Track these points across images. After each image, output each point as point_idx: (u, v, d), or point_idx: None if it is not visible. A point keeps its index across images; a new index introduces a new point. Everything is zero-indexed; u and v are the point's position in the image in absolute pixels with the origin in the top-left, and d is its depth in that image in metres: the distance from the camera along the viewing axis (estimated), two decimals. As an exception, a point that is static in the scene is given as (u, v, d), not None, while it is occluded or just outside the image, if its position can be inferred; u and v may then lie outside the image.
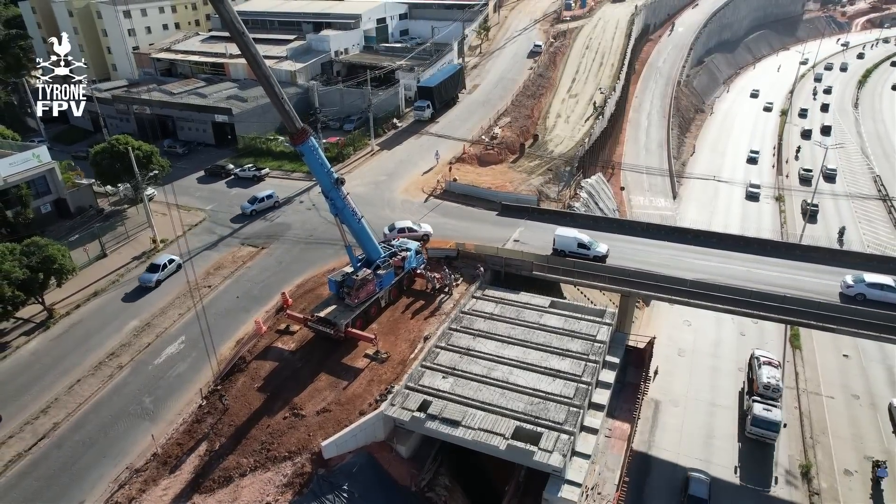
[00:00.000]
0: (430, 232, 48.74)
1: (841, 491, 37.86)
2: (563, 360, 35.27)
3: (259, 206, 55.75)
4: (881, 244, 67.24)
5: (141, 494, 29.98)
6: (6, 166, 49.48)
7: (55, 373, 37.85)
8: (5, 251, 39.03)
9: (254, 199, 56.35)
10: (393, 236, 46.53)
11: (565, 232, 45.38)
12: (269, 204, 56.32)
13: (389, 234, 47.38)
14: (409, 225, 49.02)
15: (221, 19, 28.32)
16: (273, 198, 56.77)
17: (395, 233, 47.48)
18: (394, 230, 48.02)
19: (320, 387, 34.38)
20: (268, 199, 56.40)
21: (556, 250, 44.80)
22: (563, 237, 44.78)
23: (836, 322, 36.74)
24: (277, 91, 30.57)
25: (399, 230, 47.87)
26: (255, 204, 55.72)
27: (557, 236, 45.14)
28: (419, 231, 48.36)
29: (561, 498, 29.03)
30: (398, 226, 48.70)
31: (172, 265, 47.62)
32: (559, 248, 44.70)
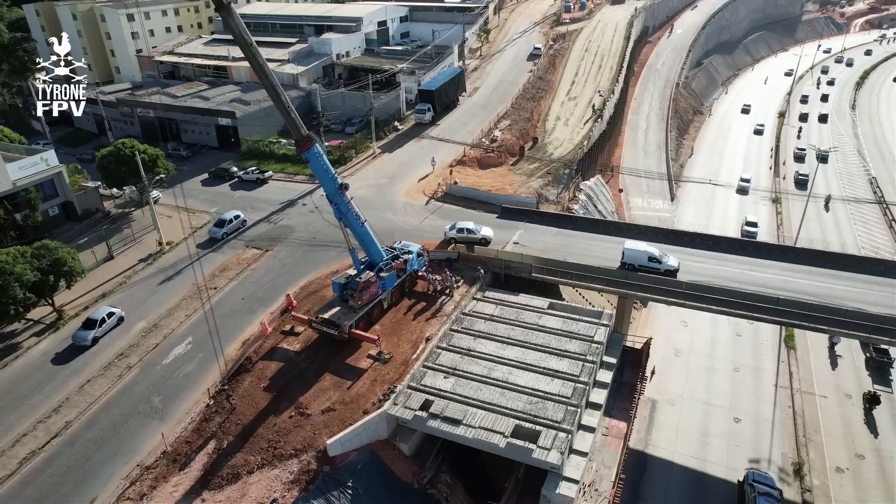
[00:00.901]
0: (488, 236, 47.90)
1: (832, 488, 38.82)
2: (561, 360, 36.20)
3: (229, 229, 53.63)
4: (876, 245, 68.21)
5: (152, 491, 30.93)
6: (15, 170, 50.42)
7: (66, 373, 38.82)
8: (17, 254, 39.94)
9: (221, 221, 54.13)
10: (453, 234, 47.70)
11: (635, 245, 43.68)
12: (238, 224, 54.41)
13: (450, 233, 48.25)
14: (470, 227, 48.37)
15: (230, 32, 29.27)
16: (241, 218, 54.73)
17: (454, 231, 48.11)
18: (453, 229, 48.38)
19: (325, 387, 35.34)
20: (235, 219, 54.26)
21: (624, 264, 43.18)
22: (633, 251, 43.13)
23: (827, 323, 37.65)
24: (284, 100, 31.52)
25: (458, 230, 48.12)
26: (224, 227, 53.43)
27: (627, 250, 43.42)
28: (477, 234, 47.85)
29: (559, 494, 29.96)
30: (459, 226, 48.68)
31: (112, 319, 42.50)
32: (628, 262, 43.04)
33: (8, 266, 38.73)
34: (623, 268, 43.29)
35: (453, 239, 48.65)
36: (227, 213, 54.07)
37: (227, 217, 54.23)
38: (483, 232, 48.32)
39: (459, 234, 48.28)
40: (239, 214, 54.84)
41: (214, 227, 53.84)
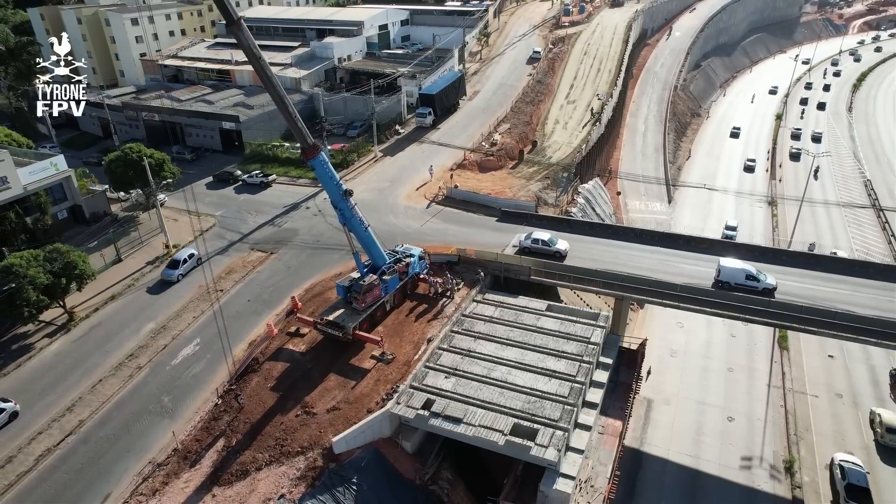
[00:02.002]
0: (562, 250, 46.26)
1: (822, 484, 39.98)
2: (558, 361, 37.36)
3: (185, 269, 50.05)
4: (868, 247, 69.40)
5: (164, 487, 32.08)
6: (26, 175, 51.53)
7: (78, 373, 39.96)
8: (30, 258, 41.10)
9: (175, 262, 50.41)
10: (528, 244, 46.62)
11: (732, 263, 42.15)
12: (193, 263, 50.69)
13: (524, 242, 47.07)
14: (546, 238, 46.73)
15: (240, 46, 30.43)
16: (195, 256, 51.02)
17: (528, 241, 46.82)
18: (528, 239, 47.10)
19: (330, 386, 36.52)
20: (190, 258, 50.73)
21: (719, 282, 41.86)
22: (729, 269, 41.78)
23: (817, 325, 38.81)
24: (291, 110, 32.69)
25: (533, 240, 46.79)
26: (178, 268, 49.80)
27: (723, 267, 42.02)
28: (552, 247, 46.27)
29: (556, 490, 31.12)
30: (534, 236, 47.21)
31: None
32: (724, 279, 41.63)
33: (22, 269, 39.93)
34: (717, 286, 41.78)
35: (526, 249, 46.93)
36: (180, 253, 50.87)
37: (181, 257, 50.49)
38: (558, 245, 46.38)
39: (534, 245, 46.57)
40: (193, 253, 51.27)
41: (168, 269, 49.94)
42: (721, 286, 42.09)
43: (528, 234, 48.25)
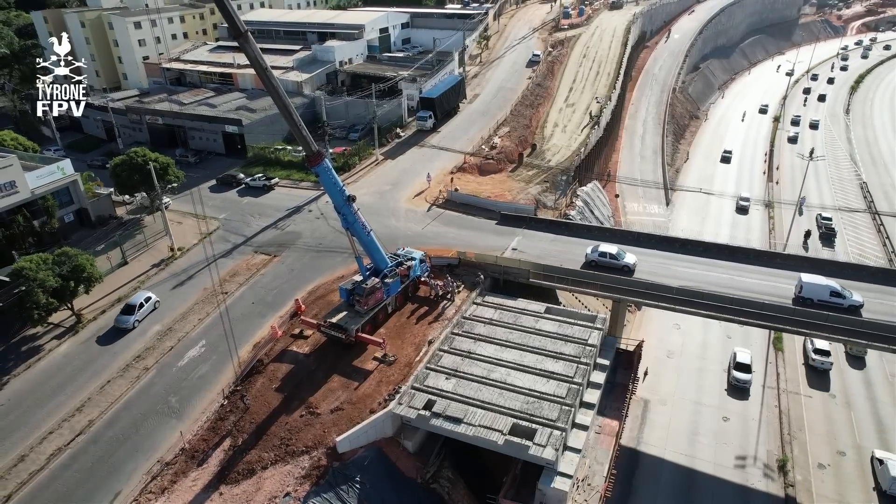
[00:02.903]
0: (631, 264, 45.26)
1: (814, 483, 40.89)
2: (556, 362, 38.26)
3: (140, 315, 45.35)
4: (863, 248, 70.30)
5: (172, 485, 32.96)
6: (34, 179, 52.38)
7: (86, 374, 40.83)
8: (40, 261, 41.96)
9: (129, 307, 45.52)
10: (594, 257, 45.90)
11: (814, 279, 40.19)
12: (151, 308, 46.36)
13: (591, 255, 46.19)
14: (614, 252, 45.84)
15: (247, 56, 31.30)
16: (152, 300, 46.76)
17: (595, 254, 46.06)
18: (595, 252, 46.28)
19: (333, 387, 37.42)
20: (147, 302, 46.17)
21: (800, 298, 40.19)
22: (813, 285, 39.82)
23: (809, 327, 39.70)
24: (296, 119, 33.56)
25: (601, 254, 45.90)
26: (134, 314, 44.94)
27: (806, 284, 40.21)
28: (620, 261, 45.27)
29: (554, 488, 32.06)
30: (602, 249, 46.23)
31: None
32: (807, 296, 39.89)
33: (32, 273, 40.79)
34: (798, 302, 40.13)
35: (593, 262, 46.10)
36: (136, 297, 46.25)
37: (137, 301, 45.69)
38: (626, 259, 45.42)
39: (601, 259, 45.82)
40: (150, 296, 46.56)
41: (122, 315, 45.11)
42: (802, 303, 40.31)
43: (595, 246, 46.91)
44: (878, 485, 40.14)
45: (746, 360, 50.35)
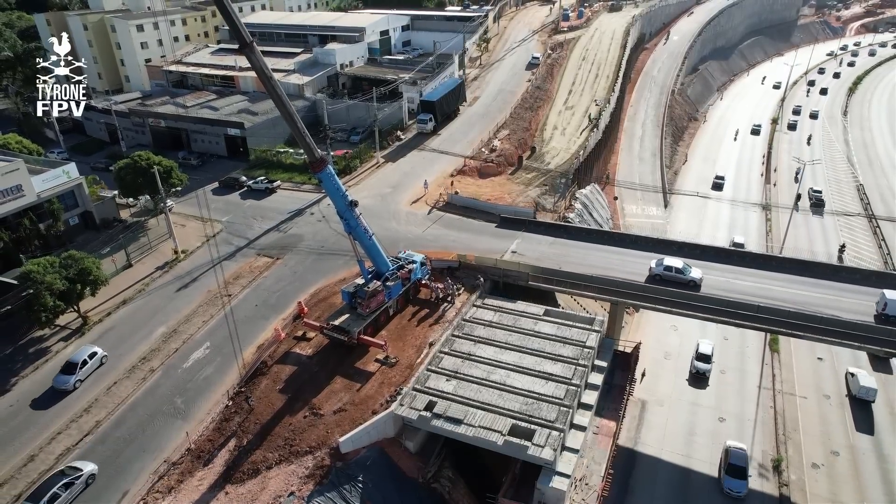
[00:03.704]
0: (697, 279, 44.04)
1: (808, 482, 41.63)
2: (555, 364, 38.97)
3: (84, 374, 40.40)
4: (860, 250, 71.05)
5: (179, 485, 33.69)
6: (39, 182, 53.05)
7: (93, 375, 41.50)
8: (47, 264, 42.69)
9: (70, 366, 40.25)
10: (658, 271, 44.99)
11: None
12: (97, 363, 41.52)
13: (655, 269, 45.11)
14: (679, 266, 44.63)
15: (252, 66, 31.98)
16: (98, 355, 41.69)
17: (660, 268, 45.06)
18: (660, 266, 45.27)
19: (336, 389, 38.14)
20: (91, 358, 41.18)
21: (883, 316, 37.95)
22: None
23: (803, 329, 40.40)
24: (300, 126, 34.27)
25: (666, 268, 44.94)
26: (75, 373, 39.76)
27: (890, 301, 37.98)
28: (686, 276, 44.06)
29: (552, 487, 32.77)
30: (667, 263, 45.19)
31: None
32: (893, 314, 37.22)
33: (39, 276, 41.52)
34: (881, 320, 38.29)
35: (657, 277, 45.12)
36: (78, 353, 41.22)
37: (79, 358, 40.67)
38: (692, 274, 44.08)
39: (666, 273, 44.77)
40: (96, 352, 41.65)
41: (61, 375, 39.90)
42: (885, 320, 38.78)
43: (659, 260, 45.55)
44: (850, 392, 49.19)
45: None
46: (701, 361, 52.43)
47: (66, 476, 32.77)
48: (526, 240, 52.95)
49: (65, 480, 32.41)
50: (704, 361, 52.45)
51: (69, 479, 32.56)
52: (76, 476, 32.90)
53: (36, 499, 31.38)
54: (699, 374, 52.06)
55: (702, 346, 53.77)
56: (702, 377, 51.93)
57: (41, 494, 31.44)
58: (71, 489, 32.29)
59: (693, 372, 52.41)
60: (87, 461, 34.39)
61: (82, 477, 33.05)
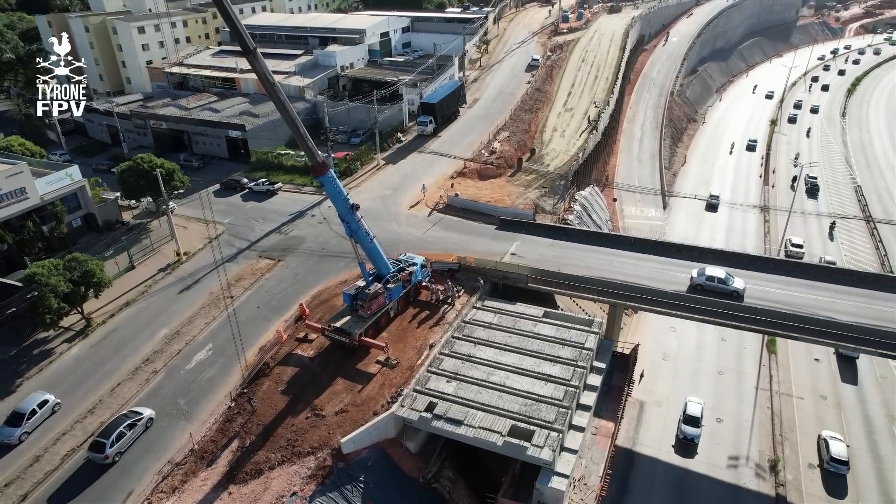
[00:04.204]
0: (740, 289, 43.30)
1: (804, 483, 42.08)
2: (554, 365, 39.44)
3: (30, 426, 37.21)
4: (856, 252, 71.55)
5: (182, 485, 34.14)
6: (43, 185, 53.54)
7: (97, 376, 41.99)
8: (51, 267, 43.13)
9: (16, 416, 37.13)
10: (700, 281, 44.31)
11: None
12: (47, 412, 38.38)
13: (697, 279, 44.52)
14: (722, 276, 43.85)
15: (256, 73, 32.45)
16: (50, 402, 38.60)
17: (702, 278, 44.40)
18: (702, 276, 44.62)
19: (337, 390, 38.60)
20: (41, 407, 38.01)
21: None
22: None
23: (798, 331, 40.86)
24: (302, 132, 34.72)
25: (708, 278, 44.10)
26: (22, 425, 36.67)
27: None
28: (729, 286, 43.44)
29: (551, 487, 33.22)
30: (709, 273, 44.52)
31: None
32: None
33: (44, 278, 41.97)
34: None
35: (699, 287, 44.25)
36: (27, 402, 38.04)
37: (27, 408, 37.50)
38: (735, 284, 43.40)
39: (708, 283, 43.99)
40: (47, 399, 38.53)
41: (5, 427, 36.83)
42: None
43: (701, 270, 44.82)
44: None
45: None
46: (689, 425, 44.99)
47: (129, 418, 36.90)
48: (525, 242, 53.37)
49: (128, 421, 36.62)
50: (693, 425, 44.94)
51: (132, 421, 36.75)
52: (137, 418, 37.10)
53: (105, 435, 35.63)
54: (687, 441, 44.56)
55: (690, 407, 45.97)
56: (689, 444, 44.56)
57: (110, 432, 35.77)
58: (133, 429, 36.59)
59: (680, 437, 45.09)
60: (145, 407, 38.51)
61: (142, 420, 37.34)
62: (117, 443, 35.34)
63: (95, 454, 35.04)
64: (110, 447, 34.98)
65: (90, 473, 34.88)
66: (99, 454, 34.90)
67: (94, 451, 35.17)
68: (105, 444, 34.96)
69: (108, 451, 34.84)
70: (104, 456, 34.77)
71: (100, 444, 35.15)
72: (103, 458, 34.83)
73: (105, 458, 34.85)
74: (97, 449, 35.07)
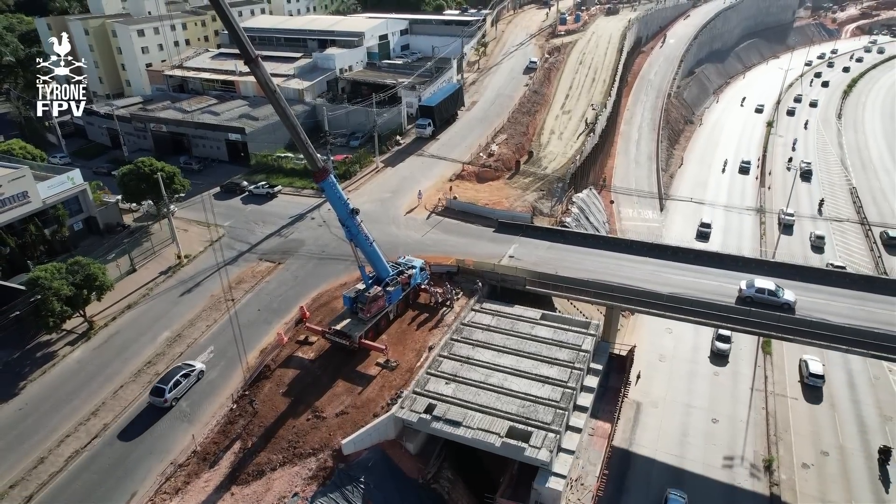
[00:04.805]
0: (791, 301, 42.61)
1: (798, 482, 42.74)
2: (551, 367, 40.01)
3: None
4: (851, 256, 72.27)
5: (185, 486, 34.65)
6: (45, 189, 53.95)
7: (100, 379, 42.41)
8: (54, 270, 43.58)
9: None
10: (749, 293, 43.36)
11: None
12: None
13: (746, 291, 43.47)
14: (772, 287, 43.14)
15: (257, 81, 32.98)
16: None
17: (751, 290, 43.40)
18: (751, 288, 43.60)
19: (338, 392, 39.14)
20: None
21: None
22: None
23: (791, 333, 41.48)
24: (303, 139, 35.25)
25: (758, 290, 43.35)
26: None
27: None
28: (780, 299, 42.70)
29: (548, 487, 33.81)
30: (758, 284, 43.68)
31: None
32: None
33: (47, 282, 42.42)
34: None
35: (748, 299, 43.40)
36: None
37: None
38: (786, 296, 42.51)
39: (757, 296, 43.11)
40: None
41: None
42: None
43: (750, 281, 43.97)
44: None
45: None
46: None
47: (183, 369, 41.12)
48: (523, 244, 53.90)
49: (183, 371, 40.89)
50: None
51: (186, 371, 40.99)
52: (190, 370, 41.37)
53: (164, 382, 39.93)
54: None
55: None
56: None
57: (168, 379, 40.13)
58: (188, 378, 40.83)
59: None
60: (196, 361, 42.78)
61: (195, 371, 41.55)
62: (174, 389, 39.61)
63: (156, 398, 39.43)
64: (168, 392, 39.31)
65: (151, 415, 39.37)
66: (159, 398, 39.33)
67: (154, 395, 39.56)
68: (164, 390, 39.35)
69: (166, 395, 39.22)
70: (163, 400, 39.18)
71: (160, 389, 39.57)
72: (162, 402, 39.24)
73: (164, 402, 39.23)
74: (157, 394, 39.48)
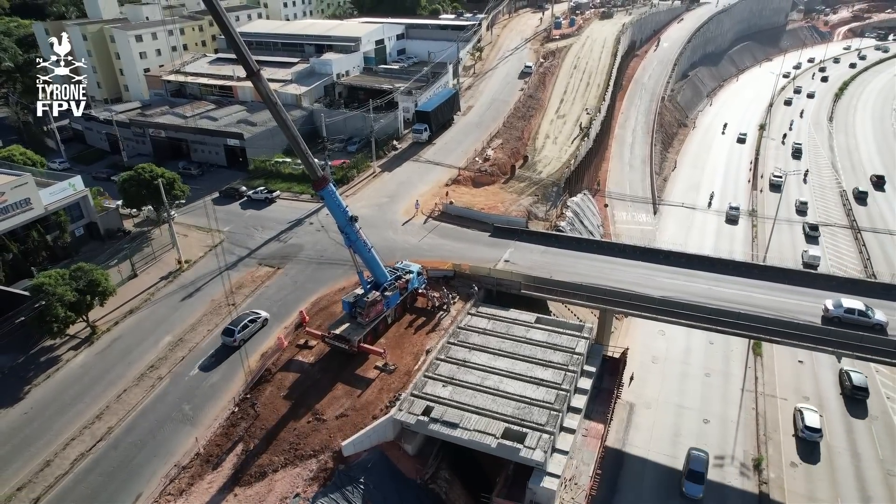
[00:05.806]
0: (883, 321, 41.67)
1: (786, 481, 43.87)
2: (545, 370, 41.00)
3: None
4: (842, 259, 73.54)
5: (189, 487, 35.48)
6: (47, 195, 54.66)
7: (103, 383, 43.19)
8: (58, 276, 44.38)
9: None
10: (837, 314, 42.30)
11: None
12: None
13: (833, 311, 42.31)
14: (862, 307, 42.11)
15: (259, 93, 33.90)
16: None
17: (840, 310, 42.46)
18: (839, 308, 42.63)
19: (338, 395, 40.05)
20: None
21: None
22: None
23: (780, 335, 42.61)
24: (304, 148, 36.16)
25: (847, 310, 42.38)
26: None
27: None
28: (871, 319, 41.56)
29: (543, 487, 34.75)
30: (846, 304, 42.85)
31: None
32: None
33: (51, 288, 43.23)
34: None
35: (836, 319, 42.01)
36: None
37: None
38: (878, 316, 41.29)
39: (846, 316, 41.87)
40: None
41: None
42: None
43: (837, 301, 42.84)
44: None
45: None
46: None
47: (250, 316, 46.74)
48: (519, 249, 54.93)
49: (250, 317, 46.49)
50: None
51: (252, 317, 46.53)
52: (257, 317, 46.96)
53: (235, 325, 45.26)
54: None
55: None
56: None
57: (238, 323, 45.52)
58: (255, 324, 46.25)
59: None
60: (261, 310, 48.32)
61: (261, 318, 47.03)
62: (243, 331, 44.90)
63: (227, 338, 44.92)
64: (238, 333, 44.59)
65: (224, 352, 44.89)
66: (229, 338, 44.73)
67: (226, 335, 45.10)
68: (234, 330, 44.71)
69: (236, 335, 44.52)
70: (233, 339, 44.50)
71: (230, 330, 45.05)
72: (232, 341, 44.52)
73: (234, 342, 44.44)
74: (228, 334, 44.96)
